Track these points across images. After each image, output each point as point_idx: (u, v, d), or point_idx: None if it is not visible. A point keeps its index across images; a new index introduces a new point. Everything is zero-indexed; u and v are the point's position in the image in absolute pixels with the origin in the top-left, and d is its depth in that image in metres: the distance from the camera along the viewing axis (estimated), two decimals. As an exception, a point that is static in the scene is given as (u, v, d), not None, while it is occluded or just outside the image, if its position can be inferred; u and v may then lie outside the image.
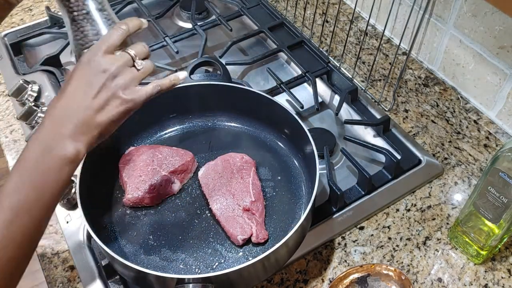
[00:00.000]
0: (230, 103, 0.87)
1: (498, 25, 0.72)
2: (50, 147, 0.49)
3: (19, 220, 0.46)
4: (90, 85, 0.50)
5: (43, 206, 0.48)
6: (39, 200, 0.48)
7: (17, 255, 0.47)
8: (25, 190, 0.47)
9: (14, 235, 0.46)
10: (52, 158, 0.49)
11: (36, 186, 0.48)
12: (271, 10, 1.15)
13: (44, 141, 0.49)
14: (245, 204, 0.74)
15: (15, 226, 0.46)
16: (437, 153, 0.89)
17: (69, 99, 0.50)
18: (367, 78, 1.00)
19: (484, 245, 0.70)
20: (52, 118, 0.50)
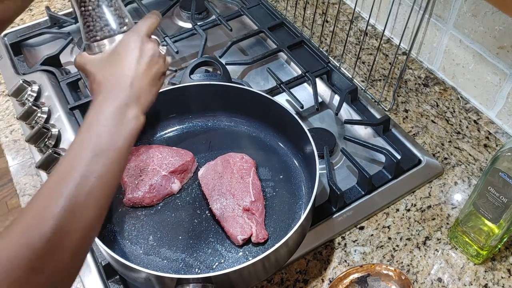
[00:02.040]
0: (230, 103, 0.87)
1: (498, 25, 0.72)
2: (119, 115, 0.53)
3: (100, 160, 0.50)
4: (140, 60, 0.56)
5: (118, 152, 0.52)
6: (113, 148, 0.51)
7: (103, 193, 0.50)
8: (102, 137, 0.51)
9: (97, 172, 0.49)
10: (122, 124, 0.53)
11: (109, 136, 0.52)
12: (271, 10, 1.15)
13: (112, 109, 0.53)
14: (245, 204, 0.74)
15: (95, 165, 0.49)
16: (437, 153, 0.89)
17: (124, 70, 0.55)
18: (367, 78, 1.00)
19: (484, 245, 0.71)
20: (111, 84, 0.54)
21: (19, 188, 0.85)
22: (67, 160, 0.49)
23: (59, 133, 0.89)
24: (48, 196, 0.46)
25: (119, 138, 0.52)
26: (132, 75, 0.55)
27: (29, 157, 0.89)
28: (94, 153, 0.49)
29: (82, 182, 0.47)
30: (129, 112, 0.54)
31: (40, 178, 0.85)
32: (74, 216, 0.46)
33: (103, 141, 0.51)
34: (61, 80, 0.99)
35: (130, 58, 0.56)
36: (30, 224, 0.44)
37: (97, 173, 0.49)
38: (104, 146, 0.50)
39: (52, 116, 0.93)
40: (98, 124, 0.51)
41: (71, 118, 0.92)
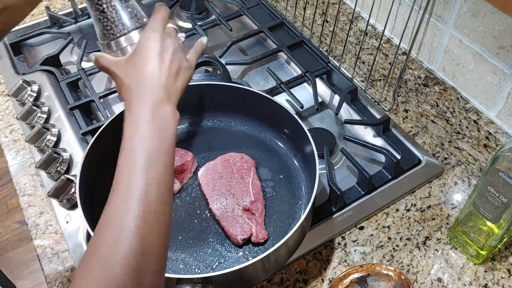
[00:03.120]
0: (230, 103, 0.87)
1: (498, 25, 0.72)
2: (154, 113, 0.53)
3: (155, 164, 0.50)
4: (162, 56, 0.57)
5: (168, 152, 0.53)
6: (163, 148, 0.52)
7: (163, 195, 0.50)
8: (149, 140, 0.52)
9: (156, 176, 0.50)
10: (159, 121, 0.53)
11: (156, 137, 0.52)
12: (271, 10, 1.15)
13: (146, 109, 0.53)
14: (245, 204, 0.74)
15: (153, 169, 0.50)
16: (437, 153, 0.89)
17: (149, 70, 0.56)
18: (367, 78, 1.00)
19: (484, 245, 0.71)
20: (141, 87, 0.55)
21: (19, 188, 0.85)
22: (123, 183, 0.50)
23: (59, 133, 0.89)
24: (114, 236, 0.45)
25: (165, 140, 0.53)
26: (158, 73, 0.56)
27: (29, 157, 0.89)
28: (147, 164, 0.50)
29: (144, 204, 0.47)
30: (165, 111, 0.54)
31: (40, 178, 0.85)
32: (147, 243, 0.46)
33: (153, 148, 0.51)
34: (61, 80, 0.99)
35: (153, 57, 0.57)
36: (102, 269, 0.44)
37: (155, 188, 0.49)
38: (154, 153, 0.51)
39: (52, 116, 0.93)
40: (141, 133, 0.52)
41: (71, 118, 0.92)
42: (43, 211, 0.82)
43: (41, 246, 0.77)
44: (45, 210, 0.82)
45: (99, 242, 0.46)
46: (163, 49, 0.57)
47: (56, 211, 0.80)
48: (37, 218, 0.81)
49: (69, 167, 0.85)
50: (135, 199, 0.47)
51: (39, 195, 0.84)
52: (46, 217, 0.81)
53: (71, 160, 0.86)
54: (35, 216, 0.81)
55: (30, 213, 0.82)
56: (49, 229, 0.79)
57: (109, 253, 0.44)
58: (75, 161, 0.86)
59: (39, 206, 0.82)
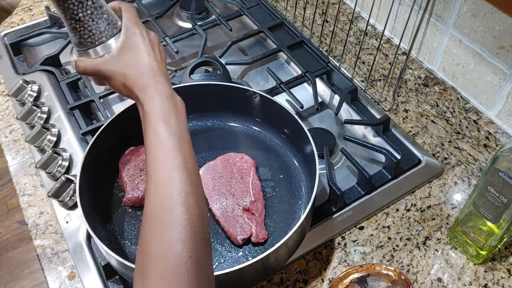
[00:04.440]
0: (230, 103, 0.87)
1: (498, 25, 0.72)
2: (172, 99, 0.57)
3: (183, 140, 0.54)
4: (153, 49, 0.60)
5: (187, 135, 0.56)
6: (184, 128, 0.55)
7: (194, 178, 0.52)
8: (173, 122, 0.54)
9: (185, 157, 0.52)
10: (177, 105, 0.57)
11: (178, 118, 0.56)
12: (271, 10, 1.15)
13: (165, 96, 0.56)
14: (245, 204, 0.74)
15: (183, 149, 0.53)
16: (437, 153, 0.89)
17: (148, 60, 0.59)
18: (367, 78, 1.00)
19: (484, 245, 0.71)
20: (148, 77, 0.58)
21: (18, 188, 0.85)
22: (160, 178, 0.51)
23: (59, 133, 0.89)
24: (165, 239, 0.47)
25: (184, 124, 0.56)
26: (156, 64, 0.59)
27: (29, 157, 0.89)
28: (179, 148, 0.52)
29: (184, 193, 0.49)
30: (176, 98, 0.57)
31: (40, 178, 0.85)
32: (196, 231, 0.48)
33: (177, 133, 0.54)
34: (61, 80, 0.99)
35: (146, 49, 0.59)
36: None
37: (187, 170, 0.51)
38: (181, 136, 0.54)
39: (52, 116, 0.93)
40: (164, 122, 0.54)
41: (71, 118, 0.92)
42: (43, 211, 0.82)
43: (41, 246, 0.77)
44: (45, 210, 0.82)
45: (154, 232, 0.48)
46: (150, 41, 0.60)
47: (56, 211, 0.80)
48: (37, 218, 0.81)
49: (69, 167, 0.85)
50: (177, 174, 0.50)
51: (39, 195, 0.84)
52: (46, 217, 0.81)
53: (71, 160, 0.86)
54: (35, 216, 0.81)
55: (30, 213, 0.82)
56: (49, 229, 0.79)
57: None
58: (75, 161, 0.86)
59: (39, 206, 0.82)
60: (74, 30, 0.60)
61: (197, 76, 0.92)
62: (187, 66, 0.93)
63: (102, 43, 0.60)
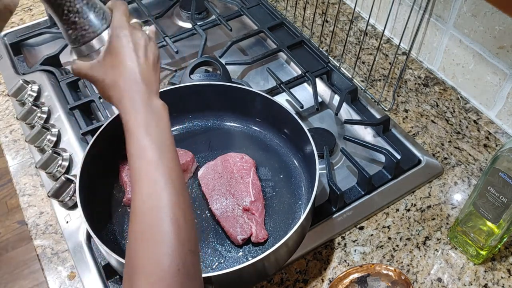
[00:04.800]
0: (230, 103, 0.87)
1: (498, 25, 0.72)
2: (149, 106, 0.55)
3: (163, 147, 0.53)
4: (137, 51, 0.58)
5: (171, 138, 0.55)
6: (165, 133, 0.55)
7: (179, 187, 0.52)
8: (153, 130, 0.54)
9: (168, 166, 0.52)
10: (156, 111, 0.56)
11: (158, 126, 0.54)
12: (271, 10, 1.15)
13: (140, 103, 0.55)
14: (245, 204, 0.74)
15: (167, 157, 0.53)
16: (437, 153, 0.89)
17: (129, 67, 0.57)
18: (367, 78, 1.00)
19: (484, 245, 0.71)
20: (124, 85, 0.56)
21: (18, 188, 0.85)
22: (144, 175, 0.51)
23: (59, 133, 0.89)
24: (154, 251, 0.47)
25: (165, 130, 0.55)
26: (138, 69, 0.57)
27: (29, 157, 0.89)
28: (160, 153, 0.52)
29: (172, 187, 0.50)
30: (156, 103, 0.56)
31: (40, 178, 0.85)
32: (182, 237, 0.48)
33: (158, 136, 0.53)
34: (61, 80, 0.99)
35: (128, 53, 0.57)
36: None
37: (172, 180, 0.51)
38: (162, 140, 0.53)
39: (52, 116, 0.93)
40: (144, 131, 0.53)
41: (71, 118, 0.92)
42: (43, 211, 0.82)
43: (41, 246, 0.77)
44: (45, 210, 0.82)
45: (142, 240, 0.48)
46: (135, 44, 0.58)
47: (56, 211, 0.80)
48: (37, 218, 0.81)
49: (69, 167, 0.85)
50: (161, 185, 0.50)
51: (39, 195, 0.84)
52: (46, 217, 0.81)
53: (71, 160, 0.86)
54: (35, 216, 0.81)
55: (30, 213, 0.82)
56: (49, 229, 0.79)
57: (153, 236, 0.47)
58: (75, 161, 0.86)
59: (39, 206, 0.82)
60: (66, 27, 0.58)
61: (197, 76, 0.92)
62: (187, 66, 0.93)
63: (95, 37, 0.59)
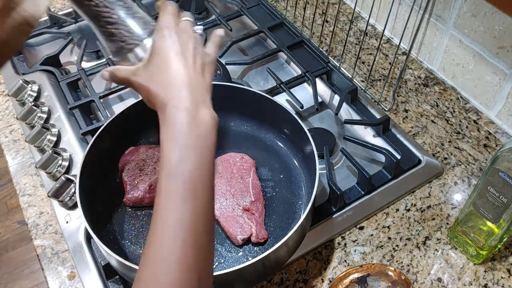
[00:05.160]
0: (230, 103, 0.87)
1: (498, 25, 0.72)
2: (194, 119, 0.49)
3: (196, 187, 0.47)
4: (184, 55, 0.53)
5: (208, 167, 0.49)
6: (203, 164, 0.48)
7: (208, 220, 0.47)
8: (190, 159, 0.47)
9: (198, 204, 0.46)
10: (200, 127, 0.50)
11: (197, 153, 0.48)
12: (271, 10, 1.15)
13: (184, 115, 0.49)
14: (245, 204, 0.74)
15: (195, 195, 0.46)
16: (437, 153, 0.89)
17: (175, 72, 0.52)
18: (367, 78, 1.00)
19: (484, 245, 0.71)
20: (170, 92, 0.51)
21: (18, 188, 0.85)
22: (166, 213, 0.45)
23: (59, 133, 0.89)
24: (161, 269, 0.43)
25: (207, 153, 0.48)
26: (185, 74, 0.51)
27: (29, 157, 0.89)
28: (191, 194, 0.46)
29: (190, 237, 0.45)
30: (204, 114, 0.50)
31: (40, 178, 0.85)
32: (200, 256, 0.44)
33: (194, 170, 0.47)
34: (61, 80, 0.99)
35: (174, 57, 0.52)
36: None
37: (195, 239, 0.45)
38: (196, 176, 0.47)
39: (52, 116, 0.93)
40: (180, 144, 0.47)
41: (71, 118, 0.92)
42: (43, 211, 0.82)
43: (41, 246, 0.77)
44: (45, 210, 0.82)
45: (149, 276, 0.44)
46: (182, 46, 0.53)
47: (56, 211, 0.80)
48: (37, 218, 0.81)
49: (69, 167, 0.85)
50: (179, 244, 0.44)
51: (39, 195, 0.84)
52: (46, 217, 0.81)
53: (71, 160, 0.86)
54: (35, 216, 0.81)
55: (30, 213, 0.82)
56: (49, 229, 0.79)
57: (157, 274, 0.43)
58: (75, 161, 0.86)
59: (39, 206, 0.82)
60: (108, 37, 0.55)
61: (197, 76, 0.92)
62: (187, 66, 0.93)
63: (138, 45, 0.55)
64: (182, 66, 0.52)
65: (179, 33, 0.54)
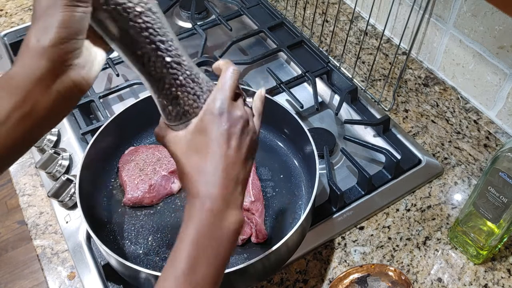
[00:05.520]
0: (230, 103, 0.86)
1: (498, 25, 0.72)
2: (219, 222, 0.46)
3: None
4: (229, 140, 0.48)
5: (218, 276, 0.46)
6: (214, 274, 0.46)
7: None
8: (202, 268, 0.45)
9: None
10: (223, 231, 0.46)
11: (211, 263, 0.45)
12: (271, 10, 1.15)
13: (208, 216, 0.46)
14: (245, 204, 0.74)
15: None
16: (437, 153, 0.89)
17: (214, 160, 0.47)
18: (367, 78, 1.00)
19: (484, 245, 0.70)
20: (203, 182, 0.47)
21: (18, 188, 0.85)
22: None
23: (59, 133, 0.89)
24: None
25: (221, 253, 0.46)
26: (223, 168, 0.47)
27: (28, 157, 0.89)
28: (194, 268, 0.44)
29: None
30: (229, 218, 0.46)
31: (40, 178, 0.85)
32: None
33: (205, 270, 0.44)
34: (61, 80, 0.99)
35: (217, 140, 0.47)
36: None
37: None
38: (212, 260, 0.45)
39: (52, 116, 0.93)
40: (197, 245, 0.45)
41: (70, 118, 0.92)
42: (43, 211, 0.82)
43: (41, 246, 0.77)
44: (45, 210, 0.82)
45: None
46: (230, 127, 0.48)
47: (56, 211, 0.80)
48: (37, 218, 0.81)
49: (69, 167, 0.85)
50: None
51: (39, 195, 0.84)
52: (46, 217, 0.81)
53: (71, 160, 0.86)
54: (35, 216, 0.81)
55: (30, 213, 0.82)
56: (49, 229, 0.79)
57: None
58: (75, 161, 0.86)
59: (39, 206, 0.82)
60: (165, 101, 0.49)
61: (197, 76, 0.92)
62: (187, 66, 0.93)
63: (194, 115, 0.49)
64: (222, 156, 0.47)
65: (231, 110, 0.49)
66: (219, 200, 0.46)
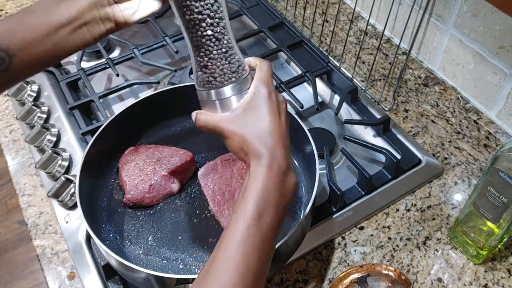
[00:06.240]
0: (230, 103, 0.87)
1: (498, 25, 0.72)
2: (284, 180, 0.52)
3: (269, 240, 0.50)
4: (280, 114, 0.55)
5: (280, 226, 0.52)
6: (278, 223, 0.51)
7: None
8: (270, 216, 0.50)
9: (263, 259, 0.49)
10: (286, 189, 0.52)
11: (277, 212, 0.51)
12: (271, 10, 1.15)
13: (276, 174, 0.51)
14: (245, 204, 0.74)
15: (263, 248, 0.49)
16: (437, 153, 0.89)
17: (272, 127, 0.53)
18: (367, 78, 1.00)
19: (484, 245, 0.70)
20: (266, 146, 0.52)
21: (18, 188, 0.85)
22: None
23: (59, 133, 0.89)
24: None
25: (277, 221, 0.51)
26: (280, 134, 0.53)
27: (28, 157, 0.89)
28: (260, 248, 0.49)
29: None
30: (290, 177, 0.53)
31: (40, 178, 0.85)
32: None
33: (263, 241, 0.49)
34: (61, 80, 0.99)
35: (271, 112, 0.54)
36: None
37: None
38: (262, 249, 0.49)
39: (52, 116, 0.93)
40: (267, 200, 0.50)
41: (70, 118, 0.92)
42: (43, 211, 0.82)
43: (41, 246, 0.77)
44: (45, 210, 0.82)
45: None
46: (279, 107, 0.55)
47: (56, 211, 0.80)
48: (37, 218, 0.81)
49: (69, 167, 0.85)
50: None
51: (39, 195, 0.84)
52: (46, 217, 0.81)
53: (71, 160, 0.86)
54: (35, 216, 0.81)
55: (30, 213, 0.82)
56: (49, 229, 0.79)
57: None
58: (75, 161, 0.86)
59: (39, 206, 0.82)
60: (203, 68, 0.55)
61: (197, 76, 0.92)
62: (187, 66, 0.93)
63: (228, 85, 0.55)
64: (277, 126, 0.54)
65: (277, 95, 0.57)
66: (284, 160, 0.52)
